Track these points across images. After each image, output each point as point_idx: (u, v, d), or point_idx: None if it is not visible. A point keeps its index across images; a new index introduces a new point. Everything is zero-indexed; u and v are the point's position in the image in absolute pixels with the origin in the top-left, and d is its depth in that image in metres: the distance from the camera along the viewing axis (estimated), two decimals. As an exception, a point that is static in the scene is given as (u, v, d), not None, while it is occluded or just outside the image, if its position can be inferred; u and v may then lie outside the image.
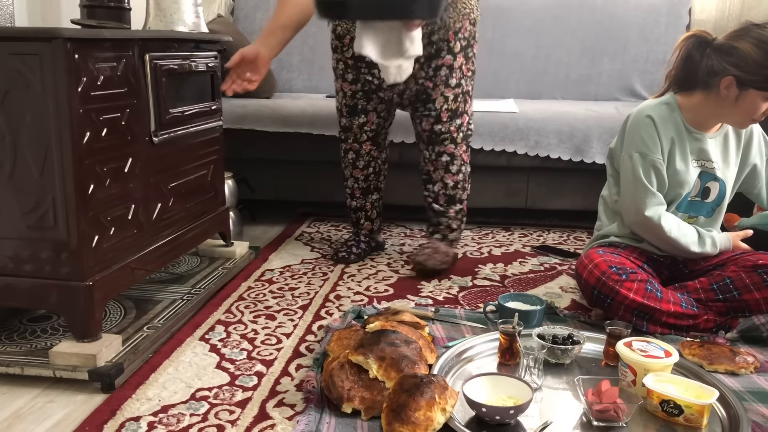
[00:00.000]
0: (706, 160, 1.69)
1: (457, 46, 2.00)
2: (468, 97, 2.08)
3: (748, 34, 1.54)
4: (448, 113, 2.04)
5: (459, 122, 2.06)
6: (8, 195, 1.35)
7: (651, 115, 1.66)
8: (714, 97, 1.61)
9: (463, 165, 2.11)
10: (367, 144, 2.17)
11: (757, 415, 1.26)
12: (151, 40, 1.60)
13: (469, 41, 2.02)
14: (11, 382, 1.37)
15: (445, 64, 2.00)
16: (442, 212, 2.13)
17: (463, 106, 2.06)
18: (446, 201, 2.12)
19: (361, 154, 2.18)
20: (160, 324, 1.60)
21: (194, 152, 1.86)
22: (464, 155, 2.11)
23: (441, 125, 2.05)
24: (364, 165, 2.20)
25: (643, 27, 3.02)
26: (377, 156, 2.21)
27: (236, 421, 1.23)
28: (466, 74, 2.04)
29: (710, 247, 1.69)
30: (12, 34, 1.33)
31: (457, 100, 2.04)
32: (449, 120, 2.05)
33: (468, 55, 2.03)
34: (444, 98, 2.03)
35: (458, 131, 2.07)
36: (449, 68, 2.01)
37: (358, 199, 2.25)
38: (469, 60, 2.04)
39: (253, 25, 3.11)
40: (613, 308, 1.61)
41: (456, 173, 2.10)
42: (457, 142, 2.07)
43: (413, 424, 1.13)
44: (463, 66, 2.02)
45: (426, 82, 2.03)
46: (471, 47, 2.04)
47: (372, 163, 2.20)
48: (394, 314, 1.56)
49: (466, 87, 2.06)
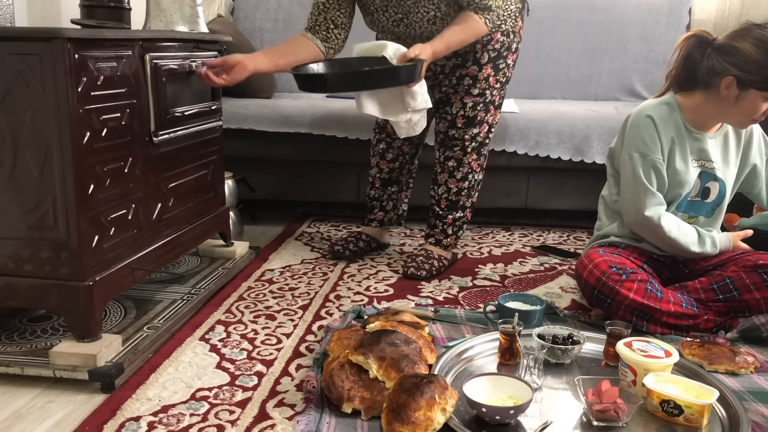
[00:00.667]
0: (706, 160, 1.69)
1: (485, 57, 1.97)
2: (492, 107, 2.03)
3: (749, 34, 1.54)
4: (464, 120, 2.01)
5: (476, 131, 2.02)
6: (8, 195, 1.35)
7: (651, 115, 1.66)
8: (714, 97, 1.61)
9: (471, 173, 2.07)
10: (399, 139, 2.18)
11: (757, 415, 1.26)
12: (151, 40, 1.60)
13: (500, 52, 1.98)
14: (11, 382, 1.37)
15: (469, 74, 1.98)
16: (440, 216, 2.12)
17: (484, 115, 2.02)
18: (447, 206, 2.10)
19: (392, 146, 2.20)
20: (160, 324, 1.60)
21: (194, 152, 1.86)
22: (474, 164, 2.07)
23: (455, 130, 2.03)
24: (392, 158, 2.21)
25: (643, 27, 3.02)
26: (407, 151, 2.22)
27: (236, 421, 1.23)
28: (493, 85, 2.00)
29: (710, 247, 1.69)
30: (12, 34, 1.33)
31: (476, 108, 2.00)
32: (464, 127, 2.02)
33: (498, 66, 2.00)
34: (462, 104, 2.00)
35: (473, 140, 2.03)
36: (473, 78, 1.98)
37: (377, 189, 2.26)
38: (499, 71, 2.00)
39: (253, 25, 3.11)
40: (613, 308, 1.61)
41: (461, 180, 2.07)
42: (467, 150, 2.04)
43: (413, 424, 1.13)
44: (490, 77, 1.99)
45: (448, 90, 2.02)
46: (503, 58, 2.00)
47: (400, 157, 2.22)
48: (394, 314, 1.56)
49: (491, 97, 2.01)
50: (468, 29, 1.84)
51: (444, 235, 2.13)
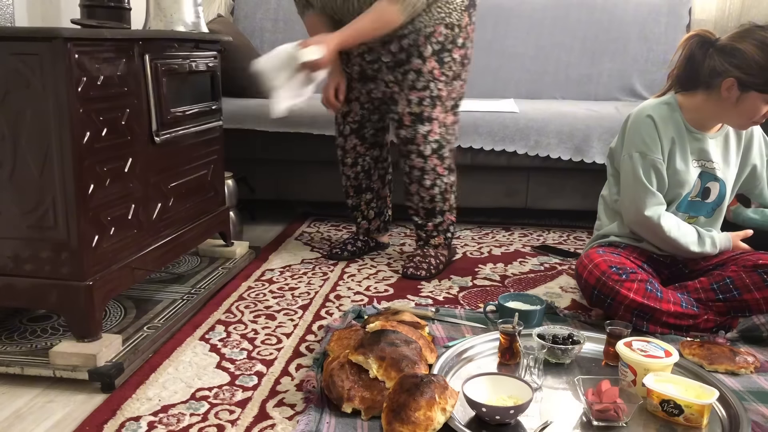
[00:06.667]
0: (707, 161, 1.69)
1: (428, 50, 1.91)
2: (439, 103, 1.96)
3: (751, 35, 1.54)
4: (411, 117, 1.95)
5: (426, 129, 1.96)
6: (8, 195, 1.35)
7: (651, 115, 1.66)
8: (715, 98, 1.60)
9: (438, 178, 2.01)
10: (352, 138, 2.13)
11: (757, 415, 1.26)
12: (151, 40, 1.60)
13: (444, 45, 1.93)
14: (11, 382, 1.37)
15: (413, 68, 1.93)
16: (421, 225, 2.10)
17: (431, 110, 1.95)
18: (425, 214, 2.08)
19: (347, 149, 2.15)
20: (160, 324, 1.60)
21: (194, 152, 1.86)
22: (439, 168, 2.00)
23: (404, 130, 1.97)
24: (351, 162, 2.17)
25: (643, 27, 3.01)
26: (364, 153, 2.16)
27: (236, 421, 1.23)
28: (437, 77, 1.93)
29: (710, 247, 1.69)
30: (12, 34, 1.33)
31: (422, 103, 1.94)
32: (413, 125, 1.96)
33: (443, 60, 1.93)
34: (407, 101, 1.95)
35: (425, 141, 1.96)
36: (417, 72, 1.93)
37: (353, 198, 2.24)
38: (444, 65, 1.94)
39: (253, 25, 3.11)
40: (613, 308, 1.61)
41: (430, 187, 2.02)
42: (425, 154, 1.98)
43: (413, 424, 1.13)
44: (435, 70, 1.93)
45: (393, 86, 1.98)
46: (448, 52, 1.94)
47: (359, 160, 2.16)
48: (394, 314, 1.56)
49: (437, 91, 1.94)
50: (379, 18, 1.82)
51: (432, 238, 2.11)
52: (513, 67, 3.06)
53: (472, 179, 2.52)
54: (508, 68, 3.06)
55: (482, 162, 2.48)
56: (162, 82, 1.62)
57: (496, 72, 3.05)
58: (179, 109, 1.73)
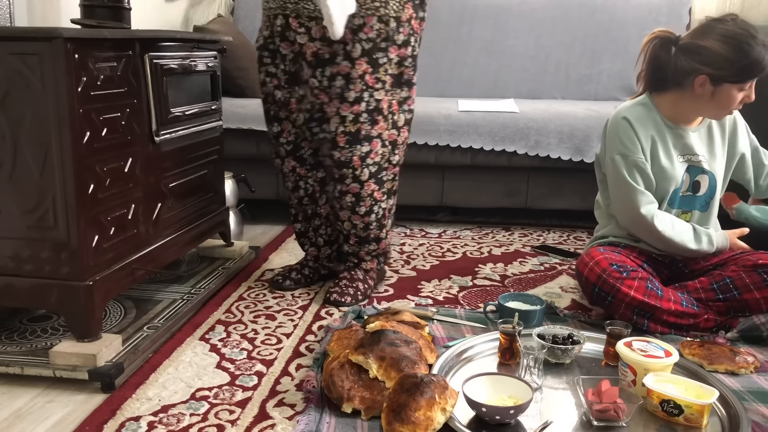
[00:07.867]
0: (692, 154, 1.70)
1: (357, 50, 1.60)
2: (379, 116, 1.66)
3: (713, 31, 1.56)
4: (346, 137, 1.65)
5: (364, 150, 1.67)
6: (8, 195, 1.35)
7: (626, 117, 1.67)
8: (689, 95, 1.62)
9: (375, 205, 1.76)
10: (289, 160, 1.82)
11: (757, 415, 1.26)
12: (151, 39, 1.60)
13: (376, 43, 1.61)
14: (11, 382, 1.37)
15: (340, 72, 1.61)
16: (353, 253, 1.86)
17: (369, 127, 1.66)
18: (358, 241, 1.83)
19: (285, 172, 1.86)
20: (160, 324, 1.60)
21: (194, 152, 1.86)
22: (376, 194, 1.74)
23: (338, 152, 1.68)
24: (293, 186, 1.87)
25: (643, 27, 3.01)
26: (305, 175, 1.84)
27: (236, 421, 1.23)
28: (372, 85, 1.62)
29: (707, 244, 1.69)
30: (12, 34, 1.33)
31: (359, 120, 1.64)
32: (348, 146, 1.66)
33: (377, 62, 1.62)
34: (340, 118, 1.64)
35: (363, 164, 1.68)
36: (346, 77, 1.61)
37: (301, 223, 1.93)
38: (378, 67, 1.62)
39: (253, 25, 3.11)
40: (613, 306, 1.61)
41: (366, 215, 1.76)
42: (362, 179, 1.70)
43: (413, 424, 1.13)
44: (367, 75, 1.61)
45: (320, 94, 1.65)
46: (383, 51, 1.63)
47: (301, 183, 1.85)
48: (394, 314, 1.56)
49: (374, 103, 1.64)
50: None
51: (363, 262, 1.87)
52: (513, 67, 3.06)
53: (472, 179, 2.52)
54: (508, 68, 3.06)
55: (482, 162, 2.48)
56: (162, 81, 1.62)
57: (496, 72, 3.05)
58: (179, 109, 1.73)
